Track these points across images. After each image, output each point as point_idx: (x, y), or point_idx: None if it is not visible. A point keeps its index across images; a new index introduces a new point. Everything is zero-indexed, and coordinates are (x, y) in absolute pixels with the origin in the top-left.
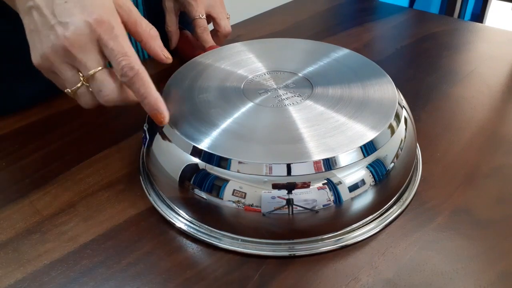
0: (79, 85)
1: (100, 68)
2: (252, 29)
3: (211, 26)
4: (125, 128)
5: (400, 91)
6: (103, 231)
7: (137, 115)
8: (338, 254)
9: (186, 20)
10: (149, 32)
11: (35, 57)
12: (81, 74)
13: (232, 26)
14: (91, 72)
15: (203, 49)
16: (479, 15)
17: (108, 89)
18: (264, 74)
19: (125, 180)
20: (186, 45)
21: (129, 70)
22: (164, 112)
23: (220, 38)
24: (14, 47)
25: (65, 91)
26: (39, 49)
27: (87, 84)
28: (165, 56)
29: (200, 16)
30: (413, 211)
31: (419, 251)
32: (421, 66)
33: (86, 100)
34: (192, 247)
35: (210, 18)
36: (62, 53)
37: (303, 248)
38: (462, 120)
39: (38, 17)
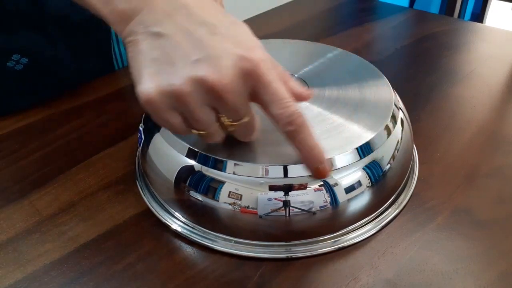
0: (215, 127)
1: (252, 114)
2: (252, 30)
3: None
4: (125, 128)
5: (400, 92)
6: (103, 231)
7: (137, 115)
8: (338, 254)
9: None
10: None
11: (149, 89)
12: (225, 119)
13: None
14: (246, 119)
15: None
16: (479, 15)
17: (254, 133)
18: None
19: (125, 180)
20: None
21: (298, 117)
22: (328, 164)
23: None
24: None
25: (193, 131)
26: (163, 81)
27: (232, 126)
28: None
29: None
30: (413, 211)
31: (419, 251)
32: (421, 66)
33: (217, 137)
34: (190, 248)
35: None
36: (203, 92)
37: (300, 250)
38: (462, 120)
39: (171, 44)
